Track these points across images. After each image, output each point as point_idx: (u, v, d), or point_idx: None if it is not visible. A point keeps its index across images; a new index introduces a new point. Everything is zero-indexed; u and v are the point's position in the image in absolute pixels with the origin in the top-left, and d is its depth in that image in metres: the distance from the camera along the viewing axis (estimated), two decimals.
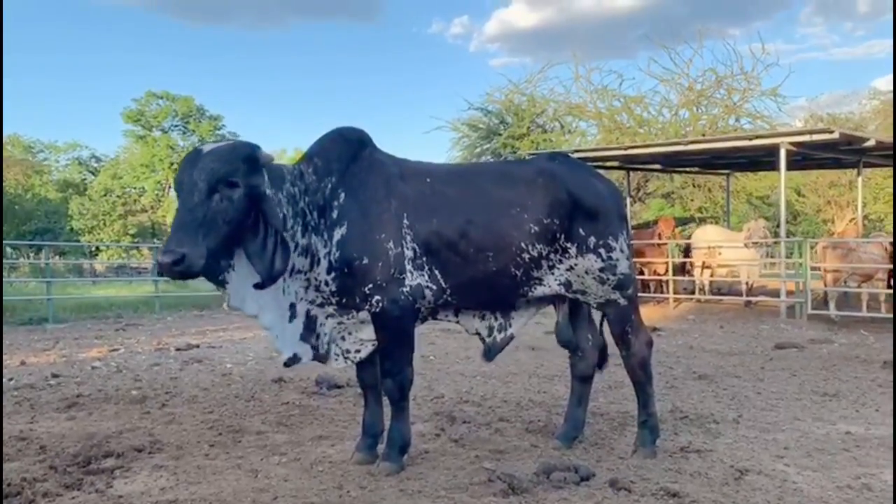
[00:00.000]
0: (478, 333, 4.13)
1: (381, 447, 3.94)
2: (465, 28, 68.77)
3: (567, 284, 4.01)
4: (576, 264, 3.96)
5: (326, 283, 3.67)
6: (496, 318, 4.12)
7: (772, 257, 14.72)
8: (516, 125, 23.51)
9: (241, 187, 3.30)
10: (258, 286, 3.41)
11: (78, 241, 31.13)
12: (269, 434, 4.57)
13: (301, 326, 3.78)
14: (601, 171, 19.36)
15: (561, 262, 3.96)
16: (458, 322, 4.11)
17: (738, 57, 22.57)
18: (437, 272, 3.77)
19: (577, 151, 15.19)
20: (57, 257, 23.79)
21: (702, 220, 21.98)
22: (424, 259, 3.74)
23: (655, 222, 16.41)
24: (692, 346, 9.30)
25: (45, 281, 13.99)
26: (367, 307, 3.69)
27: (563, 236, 3.93)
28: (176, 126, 38.31)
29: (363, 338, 3.86)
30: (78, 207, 34.21)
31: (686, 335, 10.39)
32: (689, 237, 14.95)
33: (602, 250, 3.97)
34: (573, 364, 4.44)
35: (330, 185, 3.73)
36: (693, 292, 14.15)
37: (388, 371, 3.81)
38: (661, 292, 14.10)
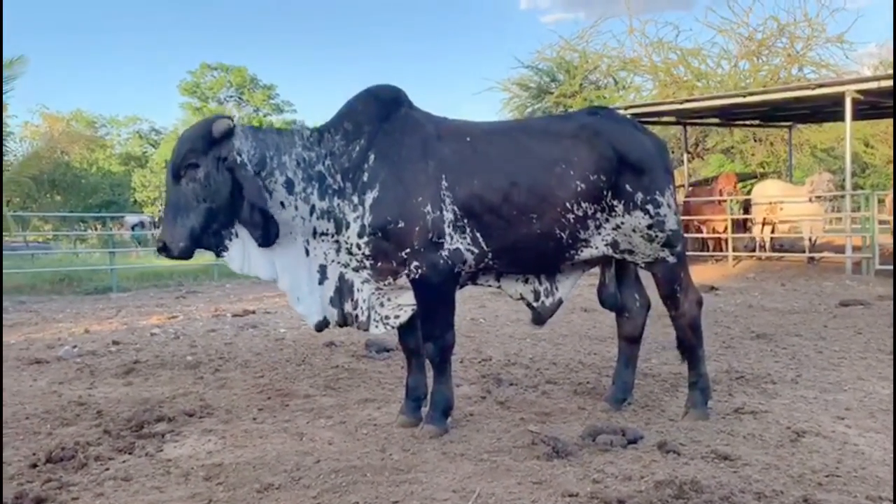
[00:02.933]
0: (522, 298, 4.00)
1: (424, 410, 3.92)
2: None
3: (614, 245, 3.85)
4: (623, 223, 3.79)
5: (358, 247, 3.63)
6: (541, 283, 3.98)
7: (837, 211, 14.10)
8: (568, 83, 22.98)
9: (202, 166, 3.45)
10: (261, 244, 3.57)
11: (142, 212, 32.04)
12: (316, 397, 4.61)
13: (332, 289, 3.78)
14: (657, 128, 18.85)
15: (608, 220, 3.79)
16: (499, 287, 3.99)
17: (802, 2, 21.51)
18: (478, 235, 3.66)
19: (630, 107, 14.77)
20: (123, 229, 24.53)
21: (763, 175, 21.23)
22: (465, 222, 3.63)
23: (715, 178, 15.90)
24: (751, 304, 9.04)
25: (109, 251, 14.45)
26: (405, 272, 3.63)
27: (609, 193, 3.75)
28: (231, 97, 38.86)
29: (402, 303, 3.81)
30: (140, 180, 35.18)
31: (745, 294, 10.10)
32: (749, 193, 14.41)
33: (650, 206, 3.79)
34: (620, 325, 4.32)
35: (359, 147, 3.67)
36: (753, 250, 13.70)
37: (428, 335, 3.76)
38: (721, 250, 13.69)
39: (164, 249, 3.51)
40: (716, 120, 16.88)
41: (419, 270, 3.60)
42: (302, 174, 3.62)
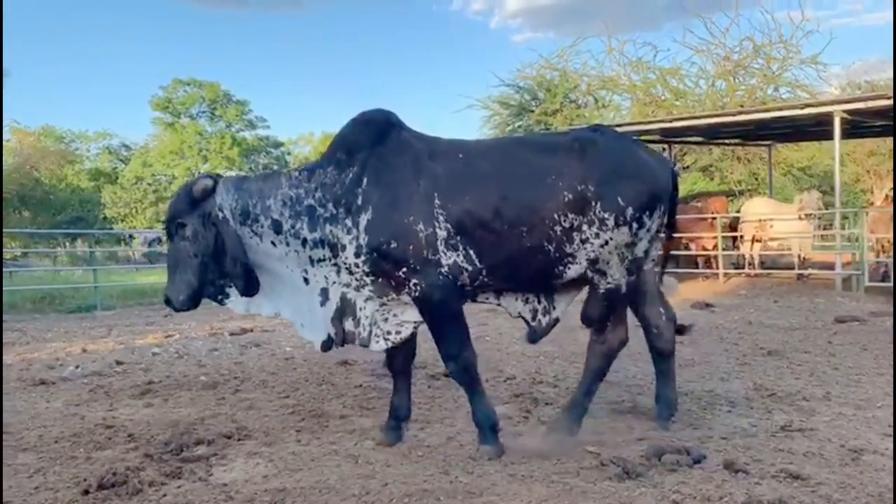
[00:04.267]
0: (521, 316, 4.00)
1: (404, 431, 4.04)
2: (486, 4, 67.79)
3: (594, 262, 3.71)
4: (611, 238, 3.65)
5: (357, 266, 3.68)
6: (539, 301, 3.95)
7: (824, 229, 14.37)
8: (549, 101, 23.16)
9: (189, 224, 3.73)
10: (243, 294, 3.80)
11: (111, 228, 31.42)
12: (353, 418, 4.51)
13: (333, 309, 3.83)
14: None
15: (597, 235, 3.64)
16: (499, 304, 3.98)
17: (777, 24, 22.00)
18: (471, 252, 3.63)
19: (617, 126, 14.91)
20: (94, 246, 24.02)
21: (741, 193, 21.59)
22: (458, 239, 3.61)
23: (695, 197, 16.12)
24: (750, 321, 9.11)
25: (91, 269, 14.12)
26: (406, 292, 3.65)
27: (598, 204, 3.61)
28: (203, 112, 38.35)
29: (405, 319, 3.83)
30: (110, 196, 34.49)
31: (740, 310, 10.19)
32: (736, 211, 14.61)
33: (634, 224, 3.67)
34: (650, 342, 4.31)
35: (352, 174, 3.74)
36: (741, 267, 13.87)
37: (446, 355, 3.77)
38: (710, 267, 13.84)
39: (168, 303, 3.84)
40: (698, 138, 17.12)
41: (418, 288, 3.60)
42: (289, 212, 3.75)
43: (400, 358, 4.04)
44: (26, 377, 6.17)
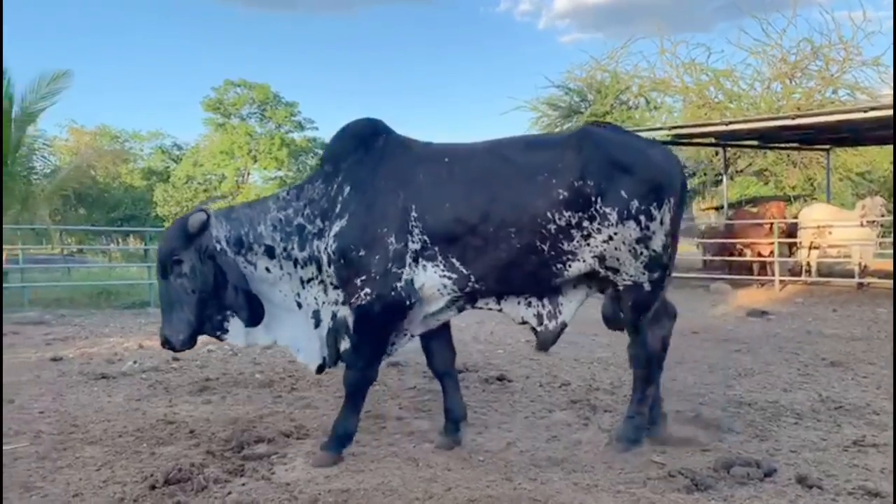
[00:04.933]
0: (525, 322, 3.86)
1: (462, 433, 4.01)
2: (533, 5, 67.43)
3: (601, 258, 3.58)
4: (615, 233, 3.52)
5: (330, 276, 3.69)
6: (544, 305, 3.81)
7: (882, 236, 13.89)
8: (599, 103, 22.94)
9: (186, 260, 3.66)
10: (248, 325, 3.76)
11: (163, 226, 32.11)
12: (409, 420, 4.50)
13: (325, 330, 3.83)
14: (693, 148, 18.68)
15: (599, 231, 3.52)
16: (500, 310, 3.86)
17: (837, 25, 21.41)
18: (454, 260, 3.56)
19: (674, 128, 14.69)
20: (148, 243, 24.56)
21: (795, 199, 21.05)
22: (437, 249, 3.56)
23: (750, 202, 15.75)
24: (809, 330, 8.85)
25: (145, 266, 14.43)
26: (353, 299, 3.61)
27: (599, 199, 3.49)
28: (253, 113, 38.97)
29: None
30: (162, 194, 35.26)
31: (798, 319, 9.91)
32: (794, 216, 14.22)
33: (643, 217, 3.52)
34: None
35: (336, 185, 3.73)
36: (798, 274, 13.50)
37: (352, 363, 3.74)
38: (765, 274, 13.50)
39: (166, 343, 3.76)
40: (754, 142, 16.74)
41: (367, 298, 3.56)
42: (280, 235, 3.76)
43: (439, 359, 4.02)
44: (87, 371, 6.32)
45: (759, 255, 13.45)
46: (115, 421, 4.52)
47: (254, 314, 3.74)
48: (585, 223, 3.50)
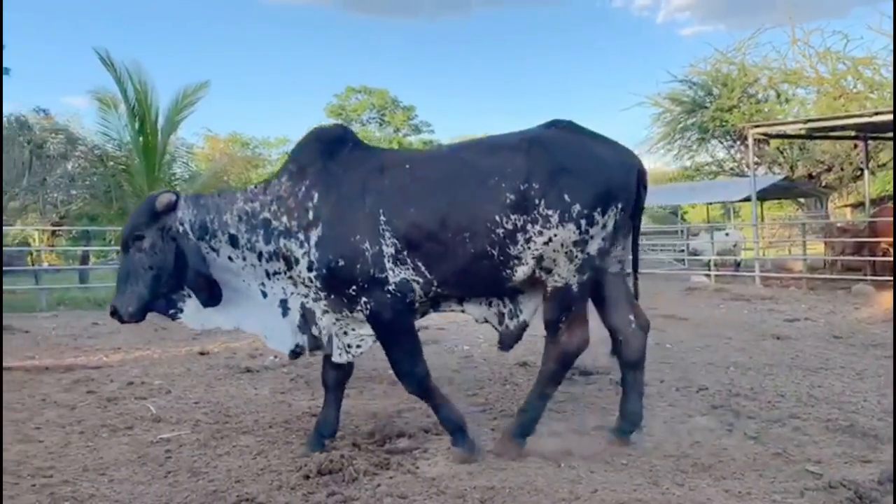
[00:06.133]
0: (487, 321, 3.89)
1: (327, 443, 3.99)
2: None
3: (539, 259, 3.59)
4: (555, 235, 3.53)
5: (311, 280, 3.71)
6: (504, 304, 3.86)
7: None
8: (725, 96, 21.98)
9: (148, 237, 3.73)
10: (206, 305, 3.81)
11: None
12: (544, 421, 4.46)
13: (297, 317, 3.88)
14: (828, 142, 17.54)
15: (540, 233, 3.54)
16: (463, 311, 3.90)
17: None
18: (420, 265, 3.61)
19: (810, 121, 13.87)
20: None
21: None
22: (406, 253, 3.61)
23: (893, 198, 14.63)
24: None
25: None
26: (358, 309, 3.65)
27: (542, 202, 3.51)
28: (373, 118, 40.12)
29: (364, 333, 3.85)
30: None
31: None
32: None
33: (583, 221, 3.53)
34: (616, 351, 4.05)
35: (304, 187, 3.76)
36: None
37: (399, 372, 3.80)
38: None
39: (114, 314, 3.77)
40: None
41: (368, 307, 3.62)
42: (245, 227, 3.83)
43: (331, 375, 4.12)
44: (233, 364, 6.72)
45: None
46: (264, 412, 4.78)
47: (211, 296, 3.80)
48: (529, 226, 3.55)
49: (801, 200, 26.37)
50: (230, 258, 3.87)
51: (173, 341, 8.37)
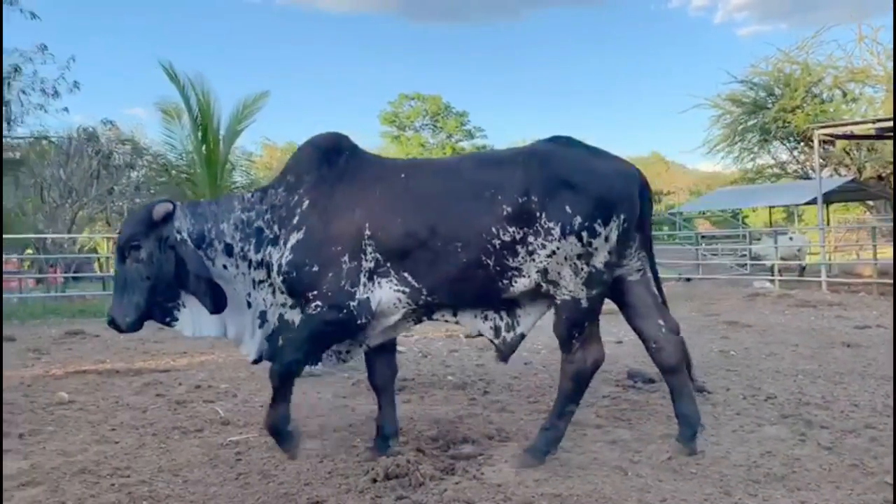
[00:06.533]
0: (481, 335, 3.86)
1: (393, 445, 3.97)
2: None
3: (544, 272, 3.58)
4: (558, 248, 3.52)
5: (281, 284, 3.75)
6: (501, 318, 3.80)
7: None
8: (788, 97, 21.41)
9: (144, 247, 3.73)
10: (213, 312, 3.85)
11: None
12: (609, 429, 4.45)
13: (270, 329, 3.92)
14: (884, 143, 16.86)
15: (543, 246, 3.54)
16: (457, 322, 3.85)
17: None
18: (406, 275, 3.62)
19: (879, 121, 13.41)
20: None
21: None
22: (389, 265, 3.63)
23: None
24: None
25: None
26: (305, 306, 3.67)
27: (543, 215, 3.51)
28: (426, 125, 40.40)
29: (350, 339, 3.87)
30: None
31: None
32: None
33: (585, 233, 3.51)
34: (652, 358, 3.96)
35: (297, 196, 3.80)
36: None
37: (279, 355, 3.78)
38: None
39: (112, 323, 3.83)
40: None
41: (318, 309, 3.64)
42: (240, 235, 3.86)
43: (377, 375, 4.14)
44: None
45: None
46: (329, 417, 4.86)
47: (217, 301, 3.83)
48: (531, 238, 3.55)
49: (870, 203, 25.47)
50: (225, 267, 3.90)
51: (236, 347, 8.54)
